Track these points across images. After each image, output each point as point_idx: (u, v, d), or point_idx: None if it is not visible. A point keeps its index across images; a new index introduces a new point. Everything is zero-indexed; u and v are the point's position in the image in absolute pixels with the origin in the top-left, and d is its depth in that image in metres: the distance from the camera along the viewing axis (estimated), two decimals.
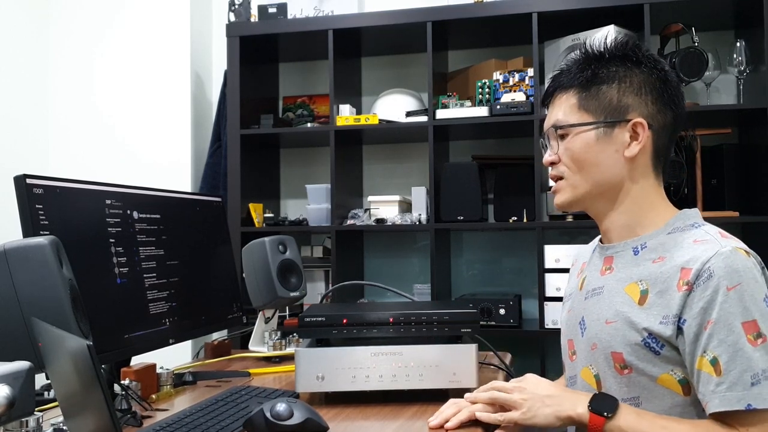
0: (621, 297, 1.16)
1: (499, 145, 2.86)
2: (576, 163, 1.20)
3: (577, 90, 1.21)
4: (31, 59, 3.04)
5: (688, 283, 1.07)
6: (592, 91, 1.19)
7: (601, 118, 1.18)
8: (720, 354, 1.03)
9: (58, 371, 0.91)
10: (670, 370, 1.09)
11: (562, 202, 1.24)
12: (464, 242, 2.89)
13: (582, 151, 1.19)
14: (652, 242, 1.17)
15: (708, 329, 1.04)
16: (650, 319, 1.10)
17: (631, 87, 1.18)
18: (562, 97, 1.23)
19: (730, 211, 2.35)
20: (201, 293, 1.71)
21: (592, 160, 1.19)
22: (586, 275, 1.29)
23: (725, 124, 2.53)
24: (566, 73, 1.24)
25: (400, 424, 1.21)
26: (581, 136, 1.19)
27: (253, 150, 2.79)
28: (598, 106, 1.19)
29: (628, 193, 1.20)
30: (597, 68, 1.20)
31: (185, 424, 1.15)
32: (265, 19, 2.72)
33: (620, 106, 1.18)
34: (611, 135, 1.18)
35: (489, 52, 2.83)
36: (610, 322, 1.15)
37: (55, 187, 1.29)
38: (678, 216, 1.19)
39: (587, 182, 1.20)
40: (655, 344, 1.09)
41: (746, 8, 2.41)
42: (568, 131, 1.20)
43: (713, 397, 1.03)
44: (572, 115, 1.20)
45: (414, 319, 1.37)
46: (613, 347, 1.14)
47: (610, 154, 1.18)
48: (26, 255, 1.02)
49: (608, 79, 1.19)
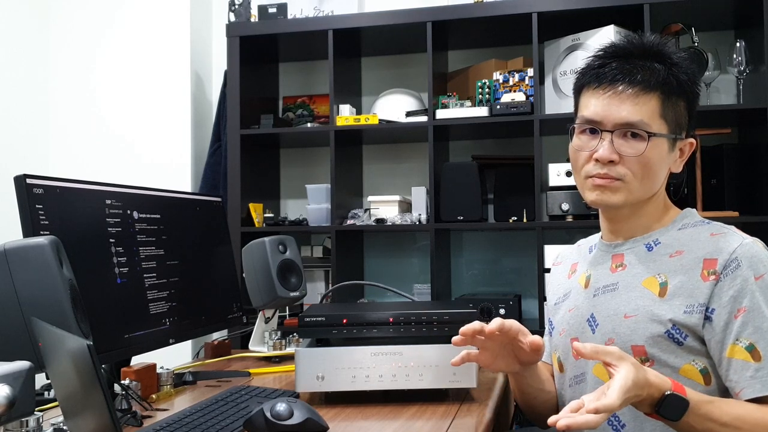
0: (639, 291, 1.17)
1: (499, 145, 2.86)
2: (645, 170, 1.16)
3: (661, 96, 1.16)
4: (31, 59, 3.04)
5: (715, 273, 1.10)
6: (672, 101, 1.17)
7: (671, 130, 1.18)
8: (757, 340, 1.06)
9: (59, 371, 0.91)
10: (692, 361, 1.11)
11: (615, 202, 1.19)
12: (464, 242, 2.89)
13: (657, 161, 1.17)
14: (665, 238, 1.20)
15: (740, 317, 1.07)
16: (674, 309, 1.12)
17: (693, 106, 1.21)
18: (643, 97, 1.16)
19: (729, 211, 2.35)
20: (201, 293, 1.71)
21: (657, 170, 1.18)
22: (590, 274, 1.28)
23: (725, 124, 2.53)
24: (649, 71, 1.16)
25: (400, 424, 1.21)
26: (660, 146, 1.17)
27: (253, 150, 2.79)
28: (673, 118, 1.18)
29: (657, 198, 1.23)
30: (678, 77, 1.17)
31: (185, 424, 1.15)
32: (265, 19, 2.72)
33: (685, 123, 1.20)
34: (674, 149, 1.20)
35: (489, 52, 2.83)
36: (630, 316, 1.16)
37: (55, 187, 1.29)
38: (684, 213, 1.23)
39: (645, 190, 1.19)
40: (678, 335, 1.11)
41: (746, 8, 2.41)
42: (645, 136, 1.15)
43: (753, 382, 1.05)
44: (654, 121, 1.16)
45: (414, 319, 1.37)
46: (634, 341, 1.15)
47: (666, 166, 1.20)
48: (26, 255, 1.02)
49: (684, 92, 1.19)
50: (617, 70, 1.17)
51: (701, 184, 2.38)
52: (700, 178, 2.38)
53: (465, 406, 1.32)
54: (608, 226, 1.27)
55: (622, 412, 1.16)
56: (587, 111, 1.19)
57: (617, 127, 1.16)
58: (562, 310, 1.33)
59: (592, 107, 1.19)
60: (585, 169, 1.20)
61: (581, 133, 1.21)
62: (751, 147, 2.47)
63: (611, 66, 1.18)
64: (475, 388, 1.37)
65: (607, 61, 1.20)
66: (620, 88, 1.16)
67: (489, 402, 1.36)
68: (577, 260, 1.36)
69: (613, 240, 1.26)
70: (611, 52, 1.21)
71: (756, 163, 2.40)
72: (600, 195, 1.19)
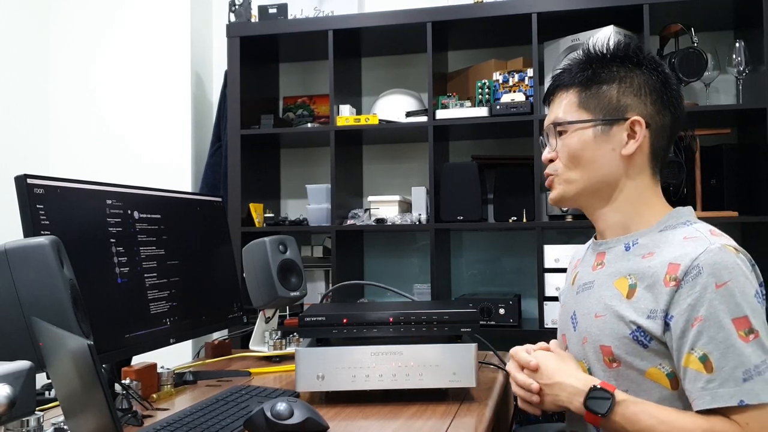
0: (610, 291, 1.18)
1: (499, 145, 2.86)
2: (572, 159, 1.22)
3: (578, 89, 1.23)
4: (31, 59, 3.04)
5: (676, 279, 1.08)
6: (592, 90, 1.21)
7: (599, 117, 1.20)
8: (711, 351, 1.03)
9: (59, 371, 0.91)
10: (659, 364, 1.10)
11: (555, 197, 1.27)
12: (464, 242, 2.89)
13: (579, 148, 1.21)
14: (644, 239, 1.19)
15: (696, 326, 1.05)
16: (638, 312, 1.11)
17: (631, 87, 1.20)
18: (562, 95, 1.25)
19: (729, 211, 2.35)
20: (201, 293, 1.72)
21: (588, 157, 1.21)
22: (578, 271, 1.31)
23: (724, 124, 2.53)
24: (567, 72, 1.26)
25: (400, 423, 1.22)
26: (579, 133, 1.21)
27: (253, 150, 2.80)
28: (597, 105, 1.21)
29: (622, 191, 1.21)
30: (598, 68, 1.22)
31: (186, 424, 1.15)
32: (266, 19, 2.73)
33: (619, 105, 1.19)
34: (609, 133, 1.20)
35: (489, 53, 2.83)
36: (599, 316, 1.17)
37: (55, 187, 1.29)
38: (671, 214, 1.21)
39: (582, 179, 1.22)
40: (643, 338, 1.11)
41: (746, 8, 2.41)
42: (567, 128, 1.23)
43: (703, 393, 1.03)
44: (572, 113, 1.22)
45: (414, 318, 1.38)
46: (602, 341, 1.16)
47: (607, 152, 1.20)
48: (27, 255, 1.03)
49: (609, 79, 1.21)
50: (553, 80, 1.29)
51: (701, 184, 2.38)
52: (700, 178, 2.39)
53: (465, 406, 1.32)
54: (595, 226, 1.29)
55: None
56: None
57: (546, 129, 1.27)
58: (560, 306, 1.38)
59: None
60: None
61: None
62: (750, 147, 2.47)
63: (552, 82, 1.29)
64: (475, 387, 1.37)
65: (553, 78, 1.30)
66: (551, 97, 1.28)
67: (489, 402, 1.36)
68: (580, 257, 1.39)
69: (601, 239, 1.28)
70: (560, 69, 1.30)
71: (755, 163, 2.40)
72: (549, 195, 1.28)
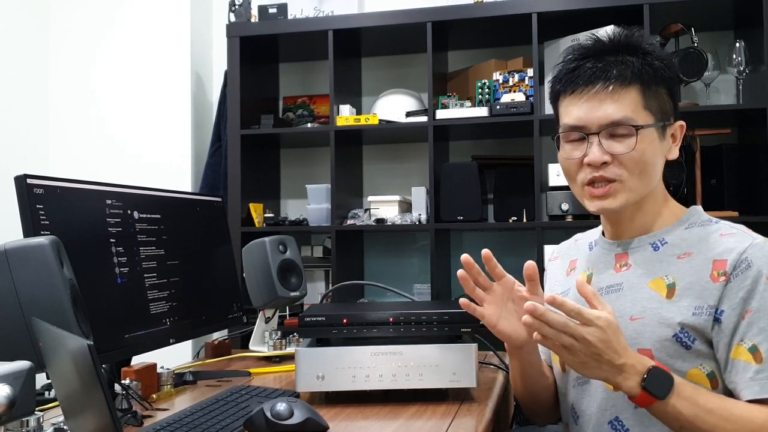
0: (645, 292, 1.15)
1: (499, 145, 2.86)
2: (640, 165, 1.13)
3: (641, 87, 1.13)
4: (31, 59, 3.04)
5: (725, 274, 1.08)
6: (652, 90, 1.14)
7: (658, 119, 1.14)
8: (761, 342, 1.04)
9: (59, 371, 0.91)
10: (699, 365, 1.10)
11: (618, 206, 1.15)
12: (464, 242, 2.89)
13: (650, 153, 1.13)
14: (671, 237, 1.17)
15: (747, 318, 1.05)
16: (682, 311, 1.10)
17: (674, 89, 1.18)
18: (622, 92, 1.12)
19: (729, 211, 2.35)
20: (201, 293, 1.71)
21: (653, 163, 1.14)
22: (592, 272, 1.26)
23: (725, 124, 2.53)
24: (624, 66, 1.13)
25: (400, 423, 1.22)
26: (650, 137, 1.13)
27: (253, 150, 2.80)
28: (657, 107, 1.14)
29: (652, 193, 1.19)
30: (653, 65, 1.14)
31: (185, 424, 1.15)
32: (265, 19, 2.73)
33: (669, 108, 1.17)
34: (664, 137, 1.16)
35: (489, 53, 2.83)
36: (636, 319, 1.14)
37: (55, 187, 1.29)
38: (690, 212, 1.20)
39: (644, 186, 1.15)
40: (686, 338, 1.09)
41: (746, 8, 2.42)
42: (633, 131, 1.12)
43: (752, 384, 1.04)
44: (638, 113, 1.12)
45: (414, 318, 1.37)
46: (640, 344, 1.12)
47: (661, 158, 1.17)
48: (27, 255, 1.02)
49: (663, 79, 1.15)
50: (591, 70, 1.14)
51: (701, 184, 2.38)
52: (700, 178, 2.39)
53: (465, 406, 1.32)
54: (611, 226, 1.25)
55: (626, 417, 1.14)
56: (569, 118, 1.16)
57: (603, 128, 1.13)
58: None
59: (574, 113, 1.15)
60: (579, 177, 1.17)
61: (568, 141, 1.18)
62: (750, 147, 2.47)
63: (585, 67, 1.15)
64: (475, 388, 1.37)
65: (579, 64, 1.16)
66: (598, 88, 1.13)
67: (489, 402, 1.36)
68: (575, 257, 1.34)
69: (616, 238, 1.24)
70: (581, 54, 1.17)
71: (755, 163, 2.40)
72: (601, 203, 1.16)
